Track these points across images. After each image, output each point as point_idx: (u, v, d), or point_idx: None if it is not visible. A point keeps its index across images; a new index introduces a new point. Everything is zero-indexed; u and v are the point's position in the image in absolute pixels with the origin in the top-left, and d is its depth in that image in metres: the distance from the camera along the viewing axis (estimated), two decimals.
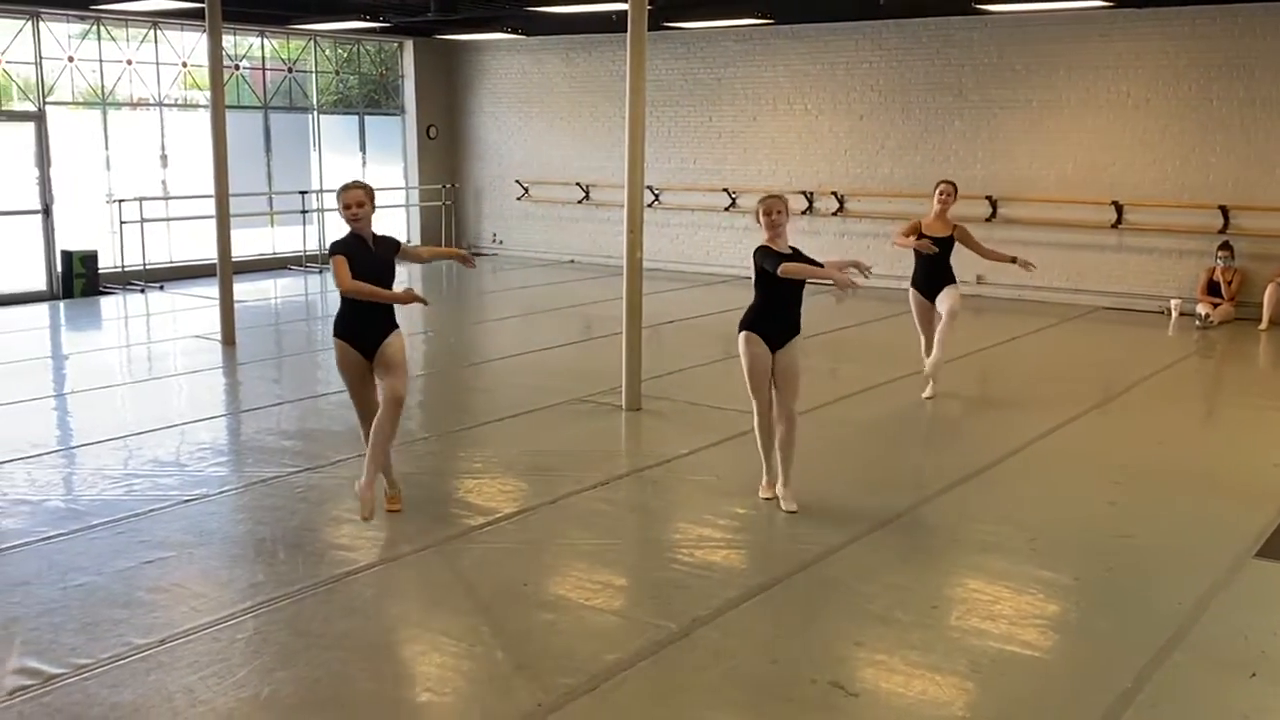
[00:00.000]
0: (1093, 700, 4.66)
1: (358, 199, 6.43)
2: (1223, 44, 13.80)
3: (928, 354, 9.74)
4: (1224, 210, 13.92)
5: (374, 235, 6.55)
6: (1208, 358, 12.10)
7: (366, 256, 6.40)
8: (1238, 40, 13.68)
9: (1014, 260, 10.08)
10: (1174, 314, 14.02)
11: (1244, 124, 13.77)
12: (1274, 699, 4.74)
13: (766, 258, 6.66)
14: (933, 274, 9.70)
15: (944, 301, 9.60)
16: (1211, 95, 13.95)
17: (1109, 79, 14.61)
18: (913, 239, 9.52)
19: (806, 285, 6.88)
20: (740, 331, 6.89)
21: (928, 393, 9.73)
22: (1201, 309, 13.58)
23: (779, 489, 6.96)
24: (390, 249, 6.71)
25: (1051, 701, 4.69)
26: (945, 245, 9.70)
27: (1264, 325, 13.25)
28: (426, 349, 12.59)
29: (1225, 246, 13.74)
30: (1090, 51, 14.63)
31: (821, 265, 6.83)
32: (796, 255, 6.77)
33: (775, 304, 6.80)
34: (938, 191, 9.74)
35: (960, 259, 9.78)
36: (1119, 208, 14.64)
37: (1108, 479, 7.69)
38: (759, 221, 6.85)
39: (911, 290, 9.92)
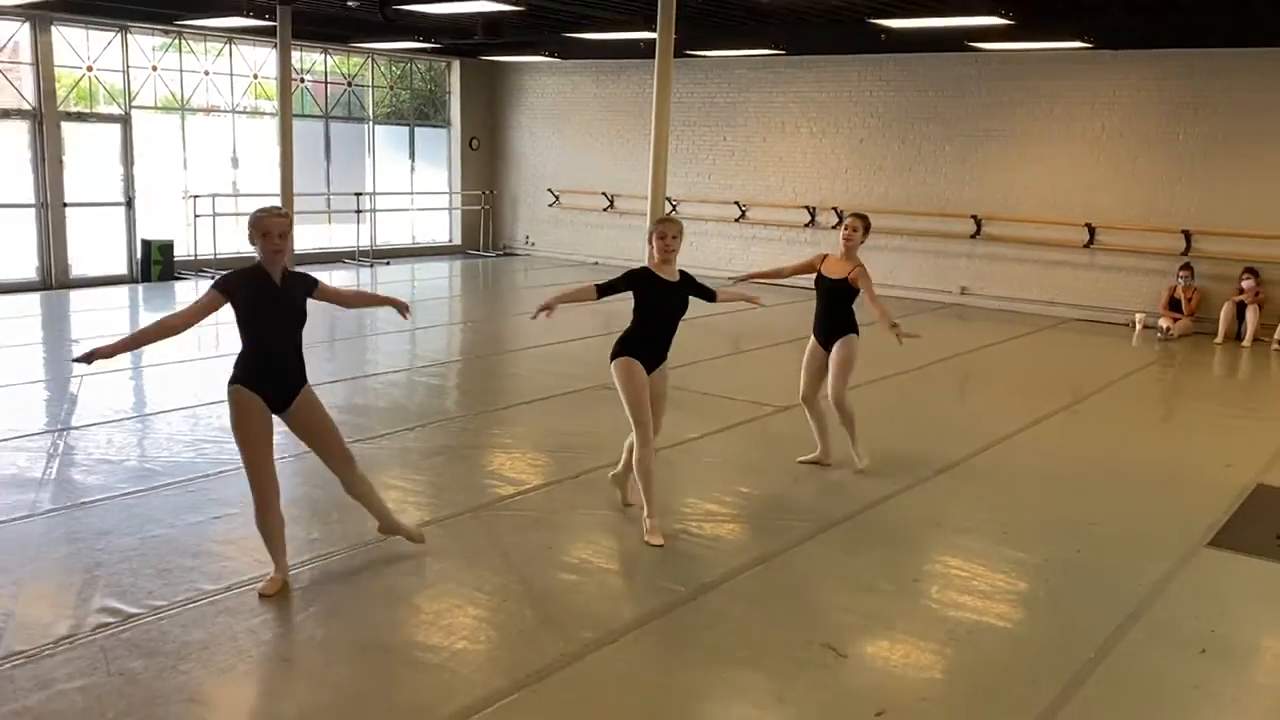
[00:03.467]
0: (1058, 668, 4.68)
1: (284, 228, 5.03)
2: (1190, 84, 13.79)
3: (811, 417, 7.48)
4: (1186, 234, 13.91)
5: (286, 271, 5.14)
6: (1167, 367, 12.07)
7: (269, 297, 5.05)
8: (1203, 81, 13.66)
9: (894, 327, 7.25)
10: (1138, 326, 14.00)
11: (1208, 157, 13.76)
12: (1221, 673, 4.75)
13: (636, 283, 5.98)
14: (829, 318, 7.40)
15: (835, 355, 7.32)
16: (1179, 130, 13.94)
17: (1086, 113, 14.60)
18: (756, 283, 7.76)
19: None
20: (615, 358, 6.02)
21: (807, 459, 7.49)
22: (1163, 323, 13.62)
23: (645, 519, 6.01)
24: (303, 289, 5.25)
25: (1020, 669, 4.70)
26: (840, 291, 7.33)
27: (1219, 339, 13.25)
28: (465, 338, 12.62)
29: (1186, 267, 13.79)
30: (1070, 88, 14.61)
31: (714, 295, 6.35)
32: (683, 283, 6.06)
33: (650, 329, 6.04)
34: (843, 227, 7.42)
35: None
36: (1091, 229, 14.62)
37: (1075, 473, 7.69)
38: (650, 243, 6.09)
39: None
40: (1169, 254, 14.08)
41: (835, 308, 7.33)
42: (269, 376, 5.13)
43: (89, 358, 4.72)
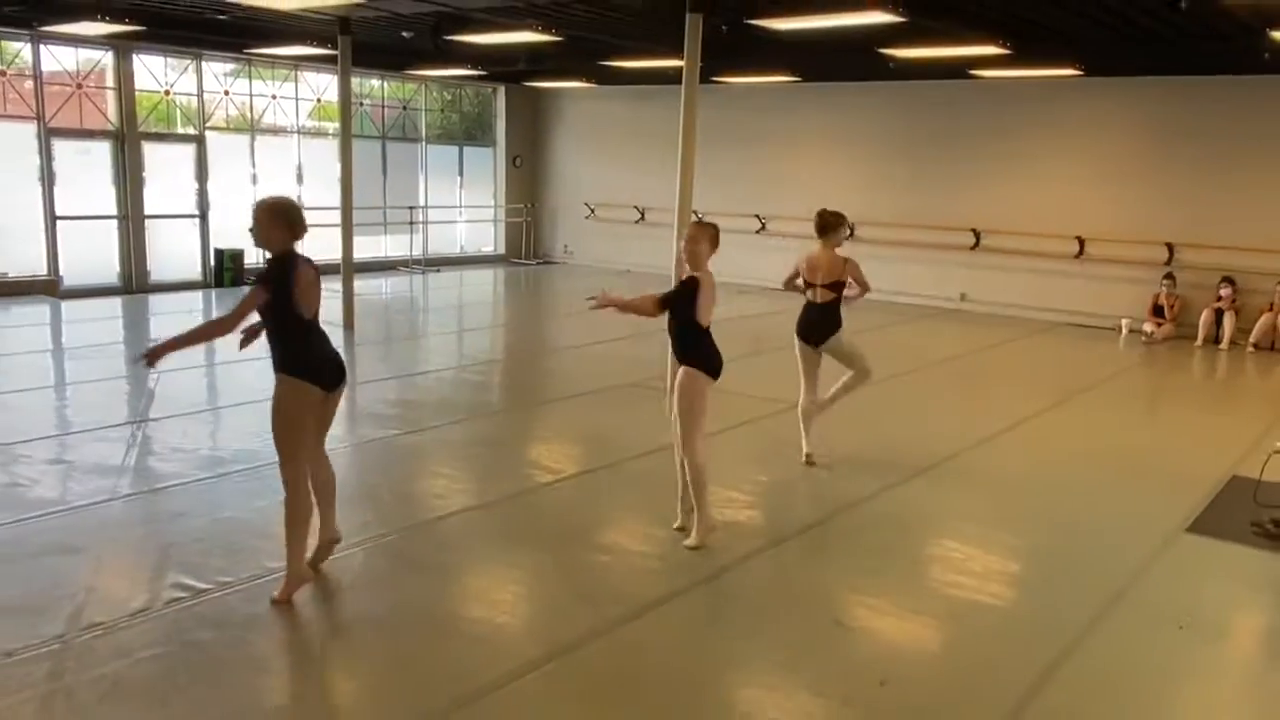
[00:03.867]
0: (1047, 643, 4.67)
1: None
2: (1175, 110, 13.71)
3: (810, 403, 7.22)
4: (1169, 247, 13.81)
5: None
6: (1151, 368, 11.98)
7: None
8: (1187, 107, 13.58)
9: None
10: (1124, 331, 13.91)
11: (1190, 176, 13.65)
12: (1197, 647, 4.73)
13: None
14: (815, 319, 7.11)
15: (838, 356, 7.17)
16: (1163, 151, 13.85)
17: (1078, 135, 14.52)
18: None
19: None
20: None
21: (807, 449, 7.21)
22: (1147, 327, 13.55)
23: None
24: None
25: (1013, 643, 4.70)
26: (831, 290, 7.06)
27: (1199, 343, 13.18)
28: (507, 339, 12.67)
29: (1169, 276, 13.71)
30: (1064, 112, 14.52)
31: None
32: (680, 292, 5.54)
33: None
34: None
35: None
36: (1081, 241, 14.54)
37: (1065, 464, 7.66)
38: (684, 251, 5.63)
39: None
40: (1153, 264, 13.99)
41: (828, 304, 7.05)
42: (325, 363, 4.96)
43: (151, 357, 4.68)
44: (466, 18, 11.84)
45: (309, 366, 4.75)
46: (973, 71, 13.69)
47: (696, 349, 5.52)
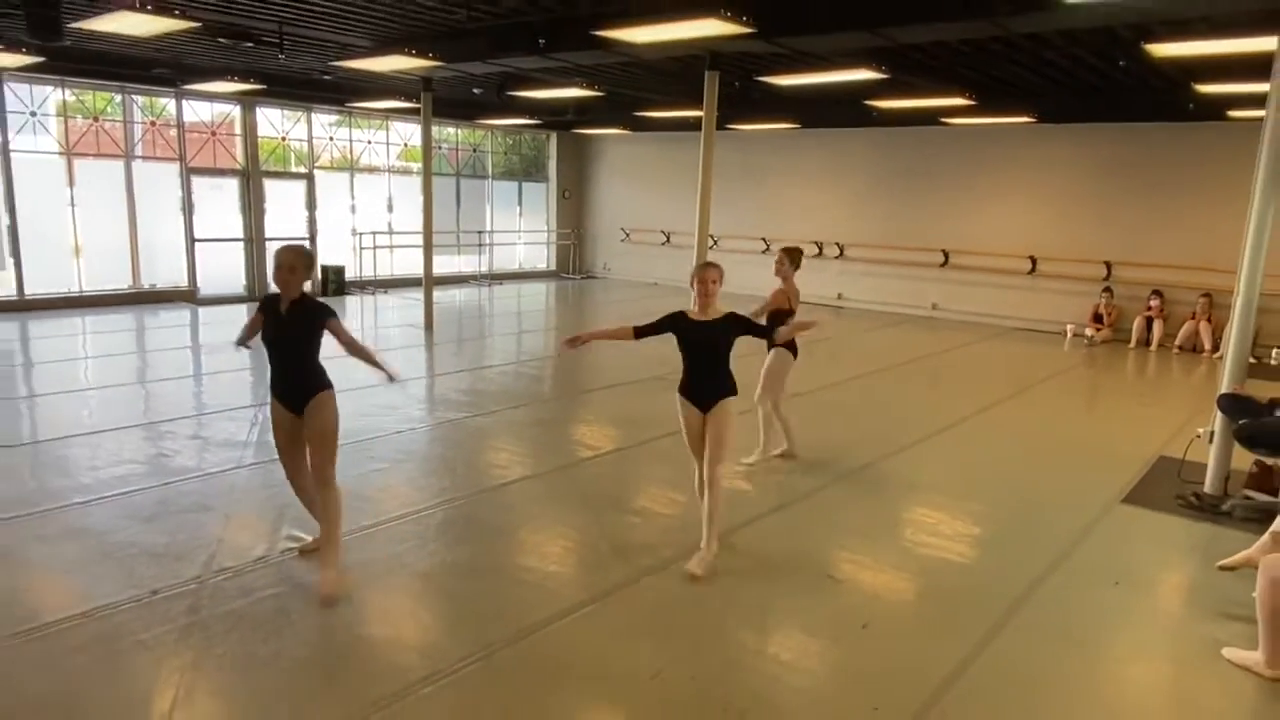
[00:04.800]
0: (1003, 594, 4.63)
1: (290, 263, 4.47)
2: (1112, 150, 13.50)
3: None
4: (1108, 265, 13.62)
5: (294, 301, 4.48)
6: (1091, 366, 11.80)
7: (273, 320, 4.53)
8: (1123, 148, 13.37)
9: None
10: (1069, 335, 13.72)
11: (1125, 206, 13.45)
12: (1130, 600, 4.67)
13: (671, 326, 4.80)
14: (704, 374, 4.87)
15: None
16: (1103, 185, 13.64)
17: (1031, 172, 14.33)
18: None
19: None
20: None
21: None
22: (1088, 332, 13.37)
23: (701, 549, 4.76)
24: (307, 320, 4.49)
25: (974, 594, 4.66)
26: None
27: (1132, 345, 13.00)
28: (556, 339, 12.66)
29: (1107, 289, 13.52)
30: (1019, 152, 14.34)
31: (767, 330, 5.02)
32: (724, 322, 4.74)
33: (691, 368, 4.86)
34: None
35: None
36: (1034, 260, 14.33)
37: (1019, 445, 7.58)
38: (692, 287, 4.82)
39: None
40: (1093, 279, 13.81)
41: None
42: (281, 388, 4.64)
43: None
44: (526, 77, 11.87)
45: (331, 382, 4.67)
46: (943, 119, 13.58)
47: (731, 378, 4.87)
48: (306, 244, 16.07)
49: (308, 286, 4.56)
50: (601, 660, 3.90)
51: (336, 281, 16.17)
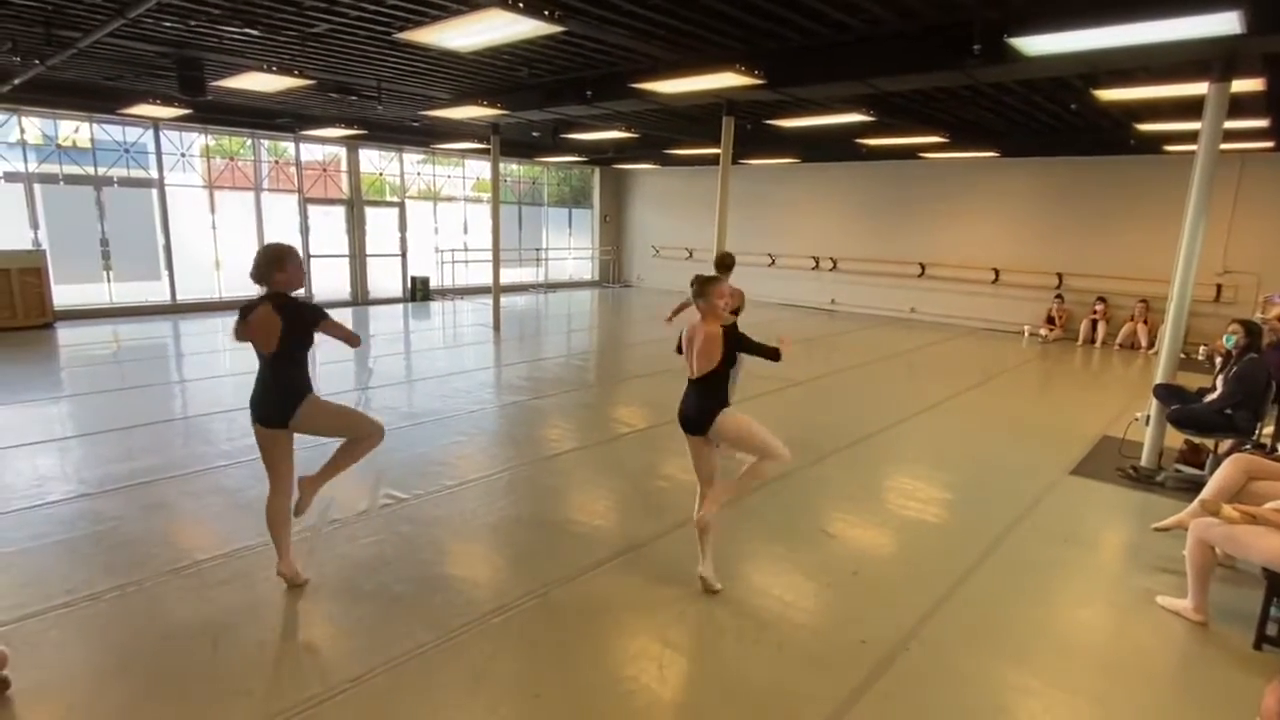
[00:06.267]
0: (969, 549, 4.57)
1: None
2: (1062, 179, 13.22)
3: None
4: (1059, 275, 13.35)
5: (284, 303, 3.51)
6: (1044, 360, 11.57)
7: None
8: (1073, 178, 13.09)
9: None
10: (1026, 334, 13.49)
11: (1074, 226, 13.18)
12: (1078, 556, 4.58)
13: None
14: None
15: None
16: (1056, 209, 13.37)
17: (995, 198, 14.07)
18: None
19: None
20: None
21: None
22: (1043, 331, 13.13)
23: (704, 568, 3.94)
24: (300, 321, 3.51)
25: (946, 549, 4.61)
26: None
27: (1080, 343, 12.76)
28: (598, 337, 12.69)
29: (1059, 296, 13.27)
30: (985, 182, 14.10)
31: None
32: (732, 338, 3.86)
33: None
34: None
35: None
36: (996, 271, 14.08)
37: (984, 424, 7.46)
38: (719, 303, 3.91)
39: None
40: (1047, 287, 13.54)
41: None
42: (259, 399, 3.64)
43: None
44: (575, 122, 11.88)
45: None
46: (920, 154, 13.38)
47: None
48: (399, 259, 16.25)
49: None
50: (638, 597, 3.91)
51: (423, 290, 16.31)
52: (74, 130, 12.17)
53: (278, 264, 3.50)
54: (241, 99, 11.03)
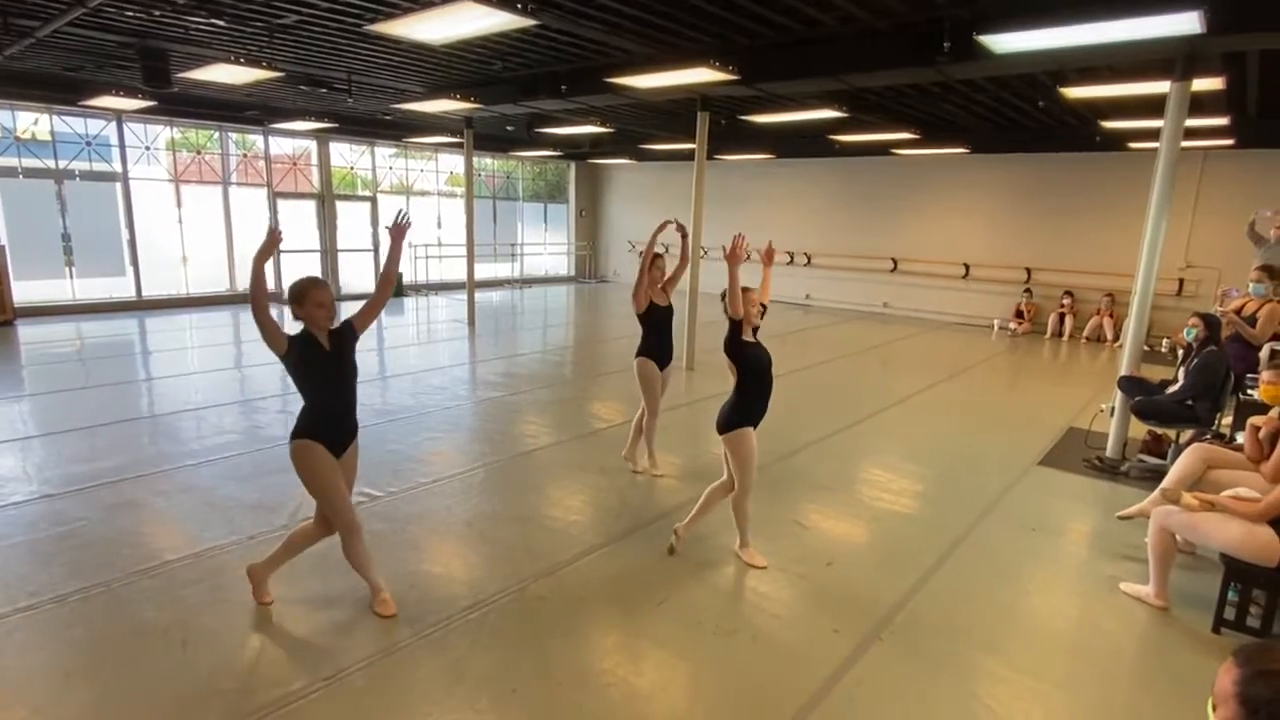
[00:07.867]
0: (940, 538, 4.64)
1: (331, 297, 3.42)
2: (1030, 176, 13.42)
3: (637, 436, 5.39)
4: (1028, 270, 13.56)
5: (332, 331, 3.45)
6: (1014, 353, 11.76)
7: (321, 357, 3.40)
8: (1038, 174, 13.29)
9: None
10: (996, 328, 13.70)
11: (1042, 221, 13.39)
12: (1045, 543, 4.68)
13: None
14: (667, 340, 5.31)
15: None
16: (1024, 205, 13.57)
17: (966, 193, 14.25)
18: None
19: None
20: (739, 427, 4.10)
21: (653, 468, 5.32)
22: (1012, 325, 13.30)
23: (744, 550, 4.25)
24: (350, 342, 3.48)
25: (917, 539, 4.67)
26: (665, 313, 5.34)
27: (1048, 336, 12.96)
28: (574, 333, 12.68)
29: (1028, 290, 13.48)
30: (955, 178, 14.27)
31: None
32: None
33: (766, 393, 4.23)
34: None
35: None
36: (967, 266, 14.28)
37: (955, 416, 7.57)
38: (751, 312, 4.27)
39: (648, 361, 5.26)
40: (1016, 282, 13.76)
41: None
42: (338, 430, 3.48)
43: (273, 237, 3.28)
44: (550, 117, 11.83)
45: None
46: (892, 150, 13.51)
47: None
48: (372, 254, 16.07)
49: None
50: (615, 592, 3.93)
51: (396, 285, 16.15)
52: (33, 122, 11.85)
53: (295, 301, 3.41)
54: (208, 91, 10.81)
